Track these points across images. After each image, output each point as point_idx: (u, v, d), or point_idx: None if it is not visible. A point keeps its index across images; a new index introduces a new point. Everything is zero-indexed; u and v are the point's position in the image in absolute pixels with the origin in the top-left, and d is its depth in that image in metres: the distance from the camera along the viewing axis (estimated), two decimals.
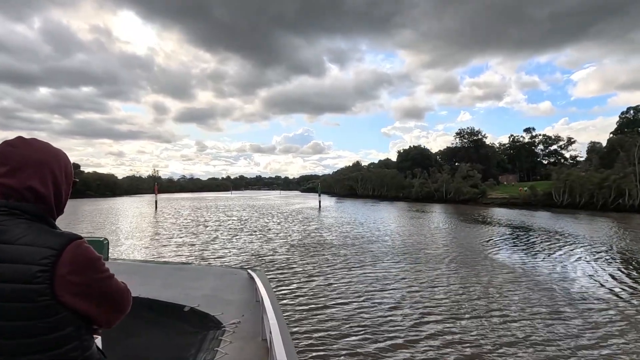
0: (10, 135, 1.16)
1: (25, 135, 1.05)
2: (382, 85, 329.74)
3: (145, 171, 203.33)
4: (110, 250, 5.94)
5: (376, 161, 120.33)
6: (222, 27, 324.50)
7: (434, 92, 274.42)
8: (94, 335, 1.04)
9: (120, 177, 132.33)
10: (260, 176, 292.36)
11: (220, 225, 26.24)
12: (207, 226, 25.92)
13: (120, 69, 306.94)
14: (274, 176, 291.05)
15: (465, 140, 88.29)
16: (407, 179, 78.25)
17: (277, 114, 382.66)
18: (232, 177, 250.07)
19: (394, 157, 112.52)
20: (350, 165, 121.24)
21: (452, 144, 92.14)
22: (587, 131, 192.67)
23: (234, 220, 30.75)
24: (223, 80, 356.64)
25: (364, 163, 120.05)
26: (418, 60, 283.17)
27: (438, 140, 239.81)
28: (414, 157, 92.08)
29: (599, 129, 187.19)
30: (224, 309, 4.45)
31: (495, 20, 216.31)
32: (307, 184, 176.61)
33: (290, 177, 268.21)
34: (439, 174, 71.12)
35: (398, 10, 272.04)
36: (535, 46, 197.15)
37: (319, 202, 48.59)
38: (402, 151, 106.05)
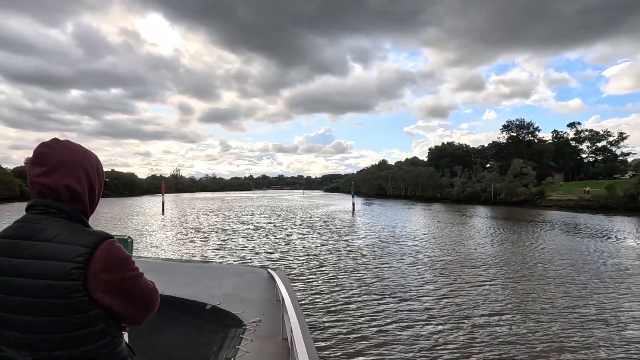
0: (44, 135, 0.94)
1: (58, 136, 1.10)
2: (405, 84, 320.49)
3: (169, 171, 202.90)
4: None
5: (402, 160, 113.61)
6: (246, 28, 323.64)
7: (459, 91, 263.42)
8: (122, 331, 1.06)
9: (145, 176, 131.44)
10: (282, 176, 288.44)
11: (225, 240, 19.16)
12: (207, 240, 18.91)
13: (146, 71, 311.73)
14: (296, 176, 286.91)
15: (513, 134, 78.12)
16: (444, 177, 69.64)
17: (300, 113, 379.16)
18: (255, 177, 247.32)
19: (419, 156, 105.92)
20: (376, 164, 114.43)
21: (498, 138, 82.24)
22: (620, 129, 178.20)
23: (247, 231, 23.61)
24: (247, 80, 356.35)
25: (388, 162, 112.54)
26: (442, 58, 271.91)
27: (463, 139, 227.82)
28: (452, 154, 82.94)
29: (632, 127, 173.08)
30: (244, 308, 4.27)
31: (521, 16, 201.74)
32: (330, 183, 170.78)
33: (313, 176, 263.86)
34: (485, 172, 62.20)
35: (422, 7, 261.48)
36: (564, 42, 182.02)
37: (353, 204, 40.79)
38: (433, 148, 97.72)
